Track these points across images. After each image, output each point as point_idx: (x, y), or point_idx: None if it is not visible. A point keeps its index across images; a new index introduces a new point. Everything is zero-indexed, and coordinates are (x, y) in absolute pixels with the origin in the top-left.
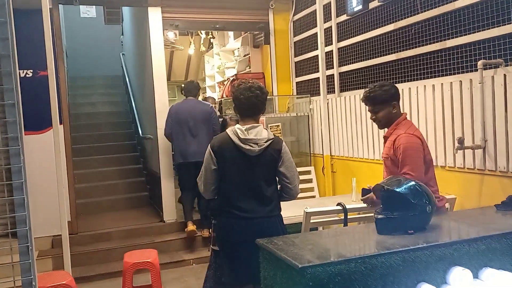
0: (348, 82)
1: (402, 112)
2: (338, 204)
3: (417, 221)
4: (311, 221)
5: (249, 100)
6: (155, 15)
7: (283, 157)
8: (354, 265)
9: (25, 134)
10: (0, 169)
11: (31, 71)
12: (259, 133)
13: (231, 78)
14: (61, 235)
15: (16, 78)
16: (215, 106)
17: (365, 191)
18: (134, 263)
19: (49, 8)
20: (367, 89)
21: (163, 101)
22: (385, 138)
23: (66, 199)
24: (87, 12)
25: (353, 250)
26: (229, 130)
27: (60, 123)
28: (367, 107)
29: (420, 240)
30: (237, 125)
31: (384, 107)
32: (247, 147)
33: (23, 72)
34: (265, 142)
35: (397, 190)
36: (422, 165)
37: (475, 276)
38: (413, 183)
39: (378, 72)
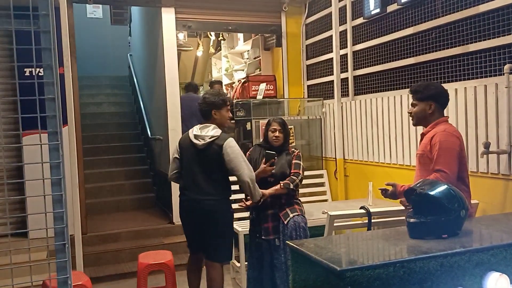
0: (363, 86)
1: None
2: (362, 208)
3: (451, 225)
4: (335, 224)
5: (199, 107)
6: (168, 16)
7: (226, 150)
8: (392, 269)
9: (39, 133)
10: (9, 168)
11: None
12: (208, 131)
13: (242, 80)
14: (71, 235)
15: (57, 72)
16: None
17: (383, 191)
18: (150, 264)
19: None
20: (423, 82)
21: (174, 102)
22: (422, 135)
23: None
24: (94, 13)
25: (390, 254)
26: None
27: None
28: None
29: (456, 245)
30: (198, 125)
31: (420, 104)
32: (196, 141)
33: (35, 70)
34: (209, 139)
35: (431, 193)
36: (456, 165)
37: None
38: (446, 186)
39: (395, 76)
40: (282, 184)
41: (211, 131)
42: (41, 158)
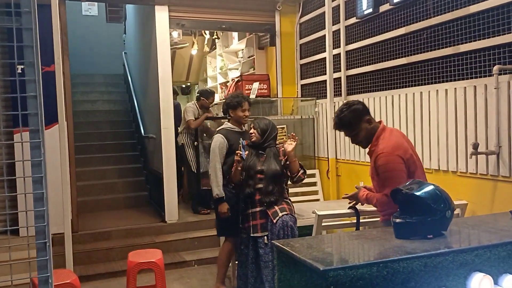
0: (355, 86)
1: (377, 120)
2: (350, 208)
3: (436, 226)
4: (323, 224)
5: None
6: (162, 14)
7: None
8: (376, 269)
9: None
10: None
11: None
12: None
13: (236, 79)
14: (61, 233)
15: (39, 69)
16: (209, 103)
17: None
18: (139, 262)
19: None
20: (335, 116)
21: (168, 101)
22: (369, 155)
23: (68, 196)
24: (89, 10)
25: (374, 254)
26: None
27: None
28: (341, 132)
29: (441, 245)
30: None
31: (361, 127)
32: None
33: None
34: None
35: (417, 194)
36: (404, 182)
37: (496, 282)
38: (432, 187)
39: (388, 76)
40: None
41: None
42: (22, 156)
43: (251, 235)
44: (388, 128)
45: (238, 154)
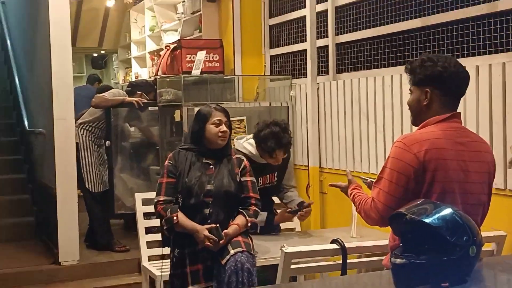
0: (349, 59)
1: (453, 111)
2: (334, 242)
3: (455, 269)
4: (292, 266)
5: None
6: None
7: None
8: None
9: None
10: None
11: None
12: None
13: (172, 46)
14: None
15: None
16: (141, 96)
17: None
18: None
19: None
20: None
21: (65, 77)
22: None
23: None
24: None
25: None
26: None
27: None
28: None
29: None
30: None
31: (415, 91)
32: None
33: None
34: None
35: (426, 221)
36: (396, 198)
37: None
38: (450, 210)
39: (396, 45)
40: (247, 220)
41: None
42: None
43: (190, 287)
44: (447, 123)
45: (211, 240)
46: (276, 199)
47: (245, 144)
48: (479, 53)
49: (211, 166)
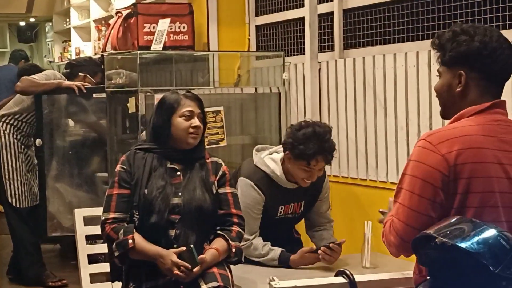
0: (361, 30)
1: (495, 99)
2: (340, 274)
3: None
4: None
5: None
6: None
7: None
8: None
9: None
10: None
11: None
12: None
13: (125, 13)
14: None
15: None
16: (85, 79)
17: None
18: None
19: None
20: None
21: None
22: None
23: None
24: None
25: None
26: None
27: None
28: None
29: None
30: None
31: (445, 73)
32: None
33: None
34: None
35: (462, 245)
36: (421, 213)
37: None
38: (494, 232)
39: (422, 10)
40: (230, 244)
41: None
42: None
43: None
44: (489, 116)
45: (182, 268)
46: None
47: (267, 159)
48: None
49: (179, 173)
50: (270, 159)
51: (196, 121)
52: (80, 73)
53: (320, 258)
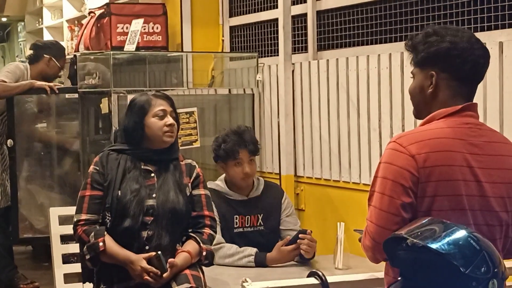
0: (335, 32)
1: (467, 101)
2: (312, 275)
3: None
4: None
5: None
6: None
7: None
8: None
9: None
10: None
11: None
12: None
13: (98, 13)
14: None
15: None
16: (50, 61)
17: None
18: None
19: None
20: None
21: None
22: None
23: None
24: None
25: None
26: None
27: None
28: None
29: None
30: None
31: (417, 73)
32: None
33: None
34: None
35: (433, 246)
36: (392, 213)
37: None
38: (464, 233)
39: (396, 12)
40: (201, 247)
41: None
42: None
43: None
44: (455, 118)
45: (151, 274)
46: None
47: (217, 182)
48: (504, 25)
49: (153, 175)
50: (218, 180)
51: (170, 119)
52: (45, 55)
53: (297, 250)
